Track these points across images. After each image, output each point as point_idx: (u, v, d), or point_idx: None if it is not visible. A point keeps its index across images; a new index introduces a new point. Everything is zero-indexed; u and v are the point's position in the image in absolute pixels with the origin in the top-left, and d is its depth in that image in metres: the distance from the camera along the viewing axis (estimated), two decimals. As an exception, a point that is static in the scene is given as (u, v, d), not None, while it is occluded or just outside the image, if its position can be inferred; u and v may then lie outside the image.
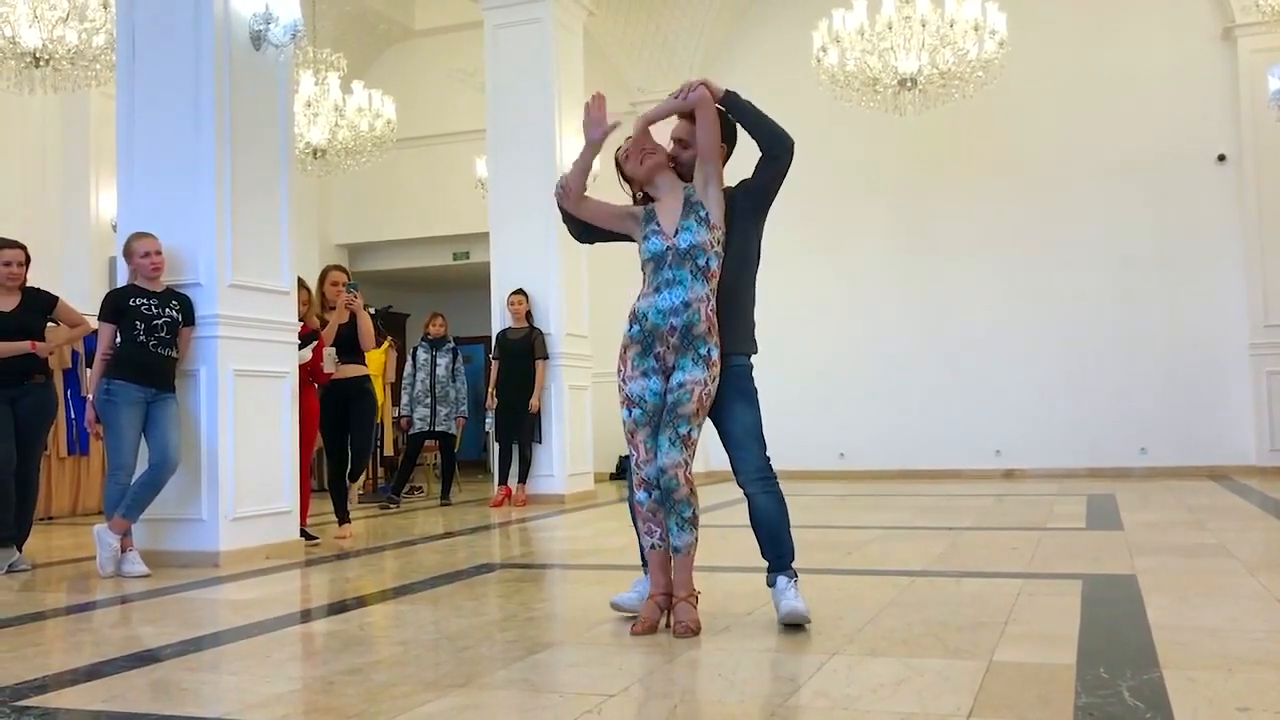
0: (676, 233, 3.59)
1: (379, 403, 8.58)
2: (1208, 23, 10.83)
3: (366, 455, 7.47)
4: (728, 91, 3.68)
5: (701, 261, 3.57)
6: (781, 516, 3.66)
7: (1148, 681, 2.75)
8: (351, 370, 7.07)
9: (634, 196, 3.84)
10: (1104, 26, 11.10)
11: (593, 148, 3.79)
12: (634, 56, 12.33)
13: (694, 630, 3.47)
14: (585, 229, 3.88)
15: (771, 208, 3.80)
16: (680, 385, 3.53)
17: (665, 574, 3.61)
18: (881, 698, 2.69)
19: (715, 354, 3.57)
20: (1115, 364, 10.91)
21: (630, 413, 3.60)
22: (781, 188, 3.74)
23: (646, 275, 3.65)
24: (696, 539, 3.58)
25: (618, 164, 3.81)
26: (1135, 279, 10.89)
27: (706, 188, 3.64)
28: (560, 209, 3.87)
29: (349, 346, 7.03)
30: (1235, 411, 10.56)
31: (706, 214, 3.61)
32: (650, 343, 3.59)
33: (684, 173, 3.75)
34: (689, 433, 3.53)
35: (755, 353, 3.77)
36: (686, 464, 3.53)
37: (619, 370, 3.67)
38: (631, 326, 3.64)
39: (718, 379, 3.59)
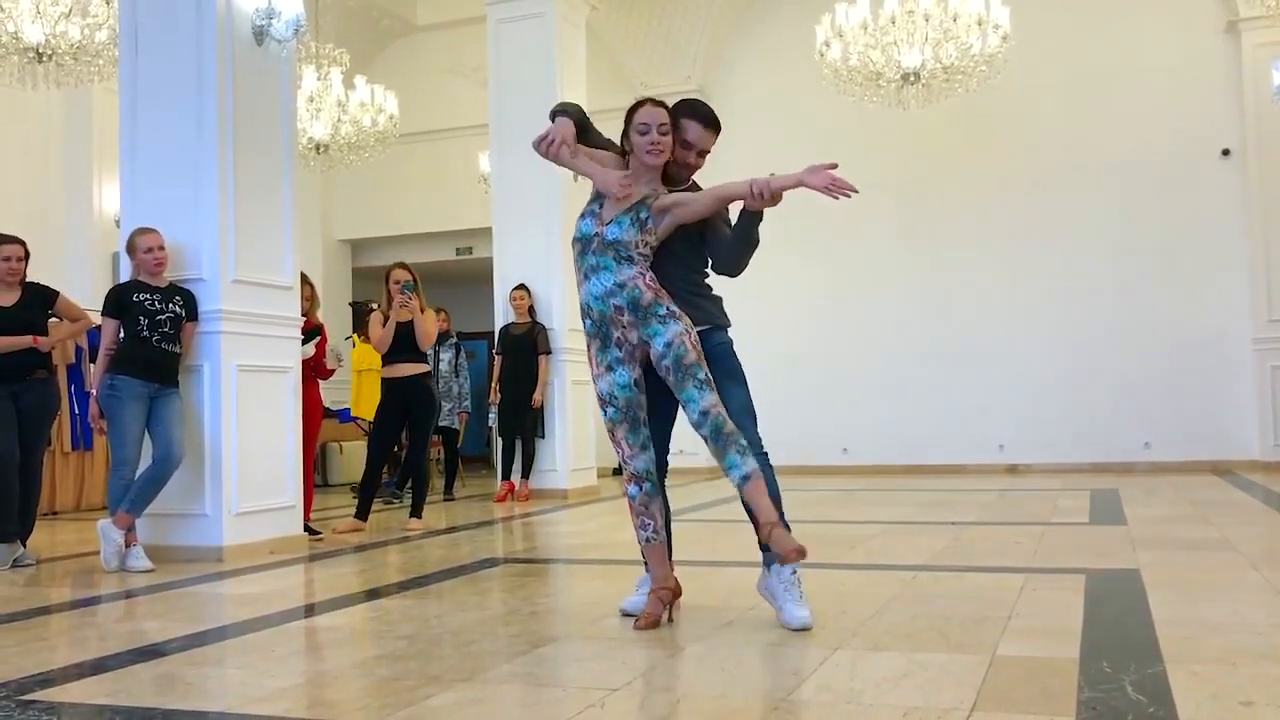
0: (608, 223, 3.59)
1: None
2: (1212, 17, 10.80)
3: (423, 471, 7.35)
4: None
5: (625, 254, 3.57)
6: (776, 491, 3.61)
7: (1151, 676, 2.75)
8: (411, 369, 7.05)
9: (621, 150, 3.72)
10: (1107, 20, 11.06)
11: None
12: (637, 50, 12.30)
13: (802, 553, 3.35)
14: None
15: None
16: (668, 345, 3.52)
17: (664, 566, 3.62)
18: (885, 692, 2.69)
19: (675, 308, 3.57)
20: (1119, 359, 10.89)
21: (606, 412, 3.62)
22: None
23: (574, 258, 3.68)
24: (756, 465, 3.49)
25: (628, 121, 3.63)
26: (1139, 274, 10.87)
27: (663, 216, 3.59)
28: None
29: (407, 345, 7.02)
30: (1239, 406, 10.54)
31: (648, 221, 3.58)
32: (607, 331, 3.59)
33: (670, 172, 3.70)
34: (706, 376, 3.51)
35: (730, 325, 3.79)
36: (720, 401, 3.50)
37: (591, 371, 3.69)
38: (585, 321, 3.66)
39: (692, 327, 3.58)
